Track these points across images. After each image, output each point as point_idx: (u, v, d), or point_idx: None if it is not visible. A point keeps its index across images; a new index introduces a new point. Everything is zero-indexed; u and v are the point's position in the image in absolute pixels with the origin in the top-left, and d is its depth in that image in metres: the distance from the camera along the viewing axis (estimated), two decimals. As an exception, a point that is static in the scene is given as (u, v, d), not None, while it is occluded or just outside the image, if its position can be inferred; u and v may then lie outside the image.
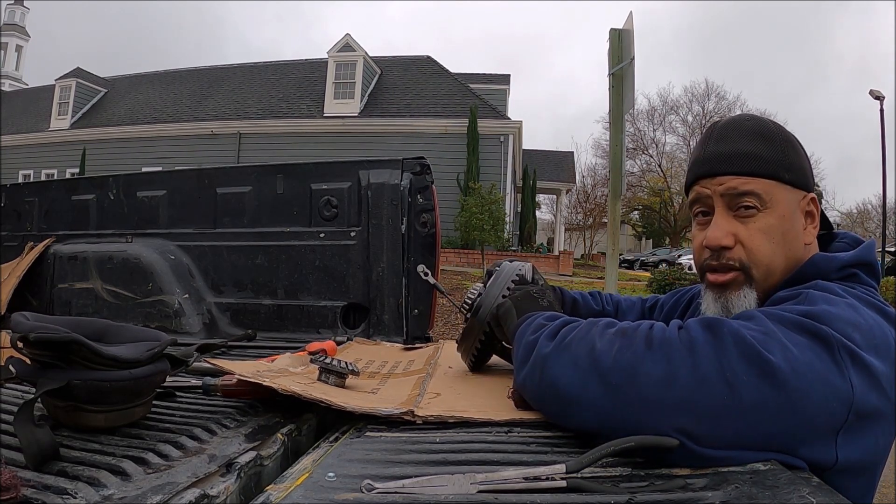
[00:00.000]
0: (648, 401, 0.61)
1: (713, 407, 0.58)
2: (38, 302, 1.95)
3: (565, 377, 0.68)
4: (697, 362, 0.60)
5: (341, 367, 0.94)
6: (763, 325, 0.63)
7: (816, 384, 0.59)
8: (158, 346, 0.77)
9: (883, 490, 2.49)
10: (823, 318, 0.63)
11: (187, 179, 1.95)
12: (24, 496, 0.53)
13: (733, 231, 0.76)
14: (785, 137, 0.79)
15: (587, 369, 0.66)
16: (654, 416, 0.60)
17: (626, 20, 3.74)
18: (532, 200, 18.80)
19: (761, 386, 0.58)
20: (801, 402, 0.58)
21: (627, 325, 0.69)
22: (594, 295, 1.20)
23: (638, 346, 0.64)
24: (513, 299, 0.91)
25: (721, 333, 0.61)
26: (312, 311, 1.77)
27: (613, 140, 3.83)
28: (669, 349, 0.62)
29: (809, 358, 0.60)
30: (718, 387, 0.58)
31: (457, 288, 8.44)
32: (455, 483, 0.55)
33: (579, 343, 0.69)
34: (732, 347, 0.60)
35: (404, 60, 17.72)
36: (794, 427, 0.59)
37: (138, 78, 19.99)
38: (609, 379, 0.64)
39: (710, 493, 0.53)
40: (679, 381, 0.60)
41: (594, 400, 0.64)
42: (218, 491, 0.60)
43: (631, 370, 0.62)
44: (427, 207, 1.71)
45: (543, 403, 0.74)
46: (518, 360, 0.79)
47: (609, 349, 0.65)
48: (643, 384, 0.61)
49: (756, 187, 0.75)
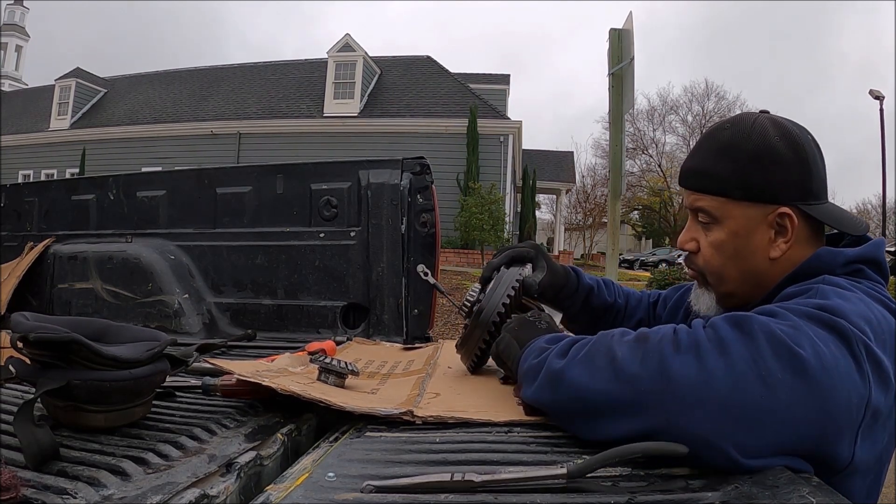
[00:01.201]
0: (687, 402, 0.58)
1: (753, 408, 0.56)
2: (38, 302, 1.95)
3: (588, 387, 0.65)
4: (732, 362, 0.58)
5: (341, 367, 0.94)
6: (789, 319, 0.61)
7: (843, 380, 0.57)
8: (158, 346, 0.77)
9: (883, 490, 2.49)
10: (838, 312, 0.62)
11: (187, 179, 1.95)
12: (24, 496, 0.53)
13: (696, 237, 0.85)
14: (753, 153, 0.76)
15: (611, 378, 0.63)
16: (695, 419, 0.57)
17: (626, 20, 3.74)
18: (532, 200, 18.79)
19: (795, 384, 0.56)
20: (829, 401, 0.57)
21: (647, 331, 0.67)
22: (608, 284, 1.19)
23: (665, 350, 0.61)
24: (510, 331, 0.88)
25: (752, 330, 0.59)
26: (312, 311, 1.77)
27: (613, 140, 3.84)
28: (700, 350, 0.60)
29: (833, 352, 0.58)
30: (756, 386, 0.56)
31: (457, 288, 8.44)
32: (455, 483, 0.55)
33: (596, 354, 0.66)
34: (765, 344, 0.58)
35: (404, 60, 17.72)
36: (823, 426, 0.57)
37: (138, 78, 19.98)
38: (639, 385, 0.61)
39: (710, 493, 0.53)
40: (715, 382, 0.57)
41: (625, 406, 0.61)
42: (218, 491, 0.60)
43: (662, 374, 0.60)
44: (427, 207, 1.71)
45: (566, 417, 0.70)
46: (524, 383, 0.77)
47: (632, 355, 0.63)
48: (678, 388, 0.58)
49: (705, 204, 0.81)
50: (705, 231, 0.82)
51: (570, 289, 1.14)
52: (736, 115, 0.84)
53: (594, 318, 1.16)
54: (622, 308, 1.18)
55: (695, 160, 0.83)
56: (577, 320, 1.16)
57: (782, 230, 0.78)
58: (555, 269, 1.10)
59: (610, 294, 1.18)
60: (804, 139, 0.78)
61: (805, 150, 0.78)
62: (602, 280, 1.19)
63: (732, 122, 0.82)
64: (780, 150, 0.76)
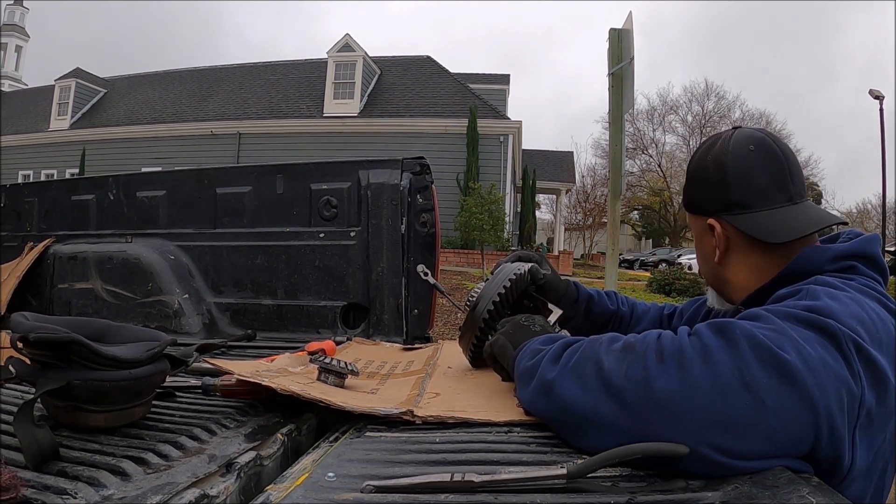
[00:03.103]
0: (669, 416, 0.58)
1: (738, 416, 0.56)
2: (38, 302, 1.95)
3: (576, 400, 0.66)
4: (716, 371, 0.58)
5: (340, 367, 0.94)
6: (773, 323, 0.61)
7: (831, 380, 0.57)
8: (158, 346, 0.77)
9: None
10: (827, 313, 0.62)
11: (187, 179, 1.95)
12: (24, 496, 0.53)
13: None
14: (690, 172, 0.89)
15: (599, 390, 0.64)
16: (679, 431, 0.57)
17: (626, 20, 3.74)
18: (532, 200, 18.80)
19: (781, 388, 0.56)
20: (818, 402, 0.56)
21: (633, 339, 0.68)
22: (610, 295, 1.22)
23: (649, 361, 0.62)
24: (505, 334, 0.90)
25: (734, 337, 0.60)
26: (312, 311, 1.77)
27: (613, 140, 3.83)
28: (682, 360, 0.60)
29: (820, 353, 0.58)
30: (741, 395, 0.56)
31: (456, 288, 8.44)
32: (455, 483, 0.55)
33: (585, 363, 0.67)
34: (748, 351, 0.58)
35: (404, 60, 17.72)
36: (815, 428, 0.57)
37: (138, 78, 19.99)
38: (623, 398, 0.61)
39: (710, 493, 0.53)
40: (698, 393, 0.58)
41: (611, 420, 0.62)
42: (218, 491, 0.60)
43: (645, 387, 0.60)
44: (427, 207, 1.71)
45: (557, 426, 0.71)
46: (519, 385, 0.79)
47: (617, 367, 0.64)
48: (661, 400, 0.59)
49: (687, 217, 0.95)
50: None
51: (572, 297, 1.17)
52: (712, 136, 0.91)
53: (597, 327, 1.17)
54: (626, 316, 1.20)
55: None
56: (582, 330, 1.17)
57: (716, 238, 0.85)
58: (557, 275, 1.16)
59: (612, 303, 1.20)
60: (736, 156, 0.82)
61: (727, 168, 0.82)
62: (604, 291, 1.23)
63: (707, 147, 0.89)
64: (707, 168, 0.85)
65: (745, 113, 26.67)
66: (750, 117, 26.15)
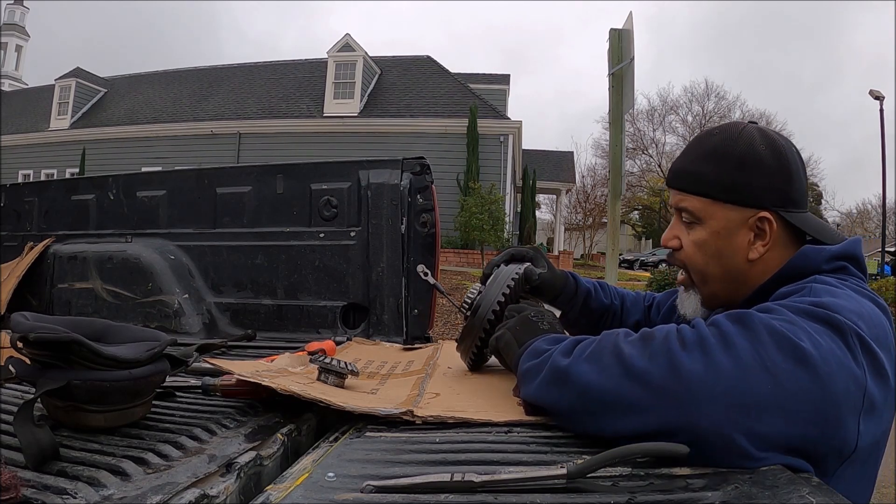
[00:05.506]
0: (699, 397, 0.59)
1: (761, 397, 0.58)
2: (37, 302, 1.95)
3: (595, 385, 0.66)
4: (737, 355, 0.60)
5: (340, 367, 0.94)
6: (786, 315, 0.64)
7: (840, 369, 0.60)
8: (158, 346, 0.77)
9: (883, 490, 2.49)
10: (832, 308, 0.65)
11: (187, 179, 1.95)
12: (24, 496, 0.53)
13: (678, 235, 0.87)
14: (738, 158, 0.80)
15: (620, 374, 0.65)
16: (705, 412, 0.59)
17: (626, 20, 3.74)
18: (532, 200, 18.79)
19: (798, 373, 0.59)
20: (830, 388, 0.59)
21: (650, 330, 0.69)
22: (604, 287, 1.22)
23: (672, 346, 0.63)
24: (511, 330, 0.88)
25: (753, 325, 0.62)
26: (312, 311, 1.77)
27: (613, 140, 3.84)
28: (705, 346, 0.62)
29: (829, 344, 0.61)
30: (762, 376, 0.59)
31: (456, 288, 8.45)
32: (455, 483, 0.55)
33: (602, 352, 0.68)
34: (767, 337, 0.61)
35: (404, 60, 17.72)
36: (826, 412, 0.59)
37: (138, 78, 19.99)
38: (649, 380, 0.62)
39: (710, 493, 0.53)
40: (723, 374, 0.59)
41: (635, 402, 0.63)
42: (218, 491, 0.60)
43: (671, 370, 0.62)
44: (427, 207, 1.71)
45: (569, 414, 0.71)
46: (523, 383, 0.79)
47: (639, 353, 0.65)
48: (688, 382, 0.60)
49: (690, 204, 0.84)
50: (688, 230, 0.86)
51: (570, 292, 1.16)
52: (725, 123, 0.88)
53: (593, 321, 1.18)
54: (618, 309, 1.20)
55: (683, 162, 0.87)
56: (578, 324, 1.18)
57: (761, 233, 0.81)
58: (554, 270, 1.14)
59: (606, 296, 1.20)
60: (788, 150, 0.82)
61: (788, 159, 0.81)
62: (598, 283, 1.23)
63: (721, 129, 0.85)
64: (764, 157, 0.80)
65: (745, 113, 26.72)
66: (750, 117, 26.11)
